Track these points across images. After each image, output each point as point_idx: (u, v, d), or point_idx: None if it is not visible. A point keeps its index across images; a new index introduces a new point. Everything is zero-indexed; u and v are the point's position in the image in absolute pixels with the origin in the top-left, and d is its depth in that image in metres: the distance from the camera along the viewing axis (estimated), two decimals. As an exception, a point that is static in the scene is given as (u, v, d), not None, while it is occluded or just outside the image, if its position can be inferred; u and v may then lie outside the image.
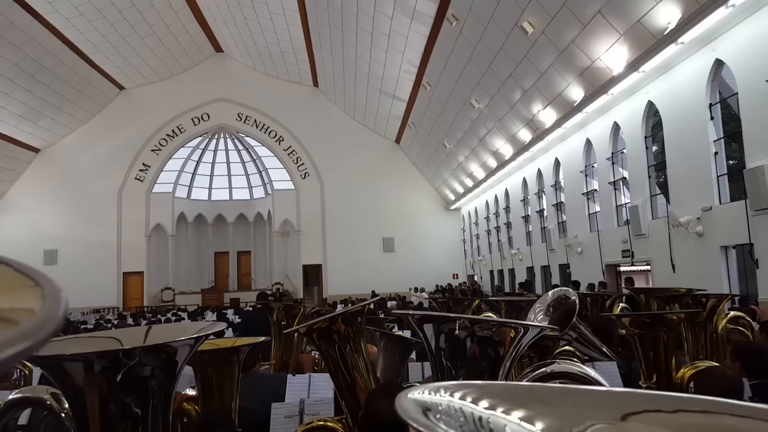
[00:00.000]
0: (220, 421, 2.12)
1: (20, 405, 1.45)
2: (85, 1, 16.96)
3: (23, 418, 2.48)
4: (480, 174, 18.78)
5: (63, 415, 1.18)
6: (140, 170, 23.88)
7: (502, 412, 0.43)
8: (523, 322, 1.09)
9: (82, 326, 11.91)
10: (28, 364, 3.98)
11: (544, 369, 1.40)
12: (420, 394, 0.44)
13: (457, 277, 23.89)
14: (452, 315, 1.19)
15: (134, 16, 18.67)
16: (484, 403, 0.44)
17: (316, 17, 17.07)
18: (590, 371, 1.47)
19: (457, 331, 1.10)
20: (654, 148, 10.57)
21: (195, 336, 0.93)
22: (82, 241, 22.21)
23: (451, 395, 0.45)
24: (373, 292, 19.48)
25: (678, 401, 0.44)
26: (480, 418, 0.42)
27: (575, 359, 2.79)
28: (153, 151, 24.03)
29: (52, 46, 18.03)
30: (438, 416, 0.40)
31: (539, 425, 0.41)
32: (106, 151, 23.28)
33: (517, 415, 0.43)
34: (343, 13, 15.29)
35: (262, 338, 2.62)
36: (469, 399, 0.45)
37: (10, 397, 1.44)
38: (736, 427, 0.40)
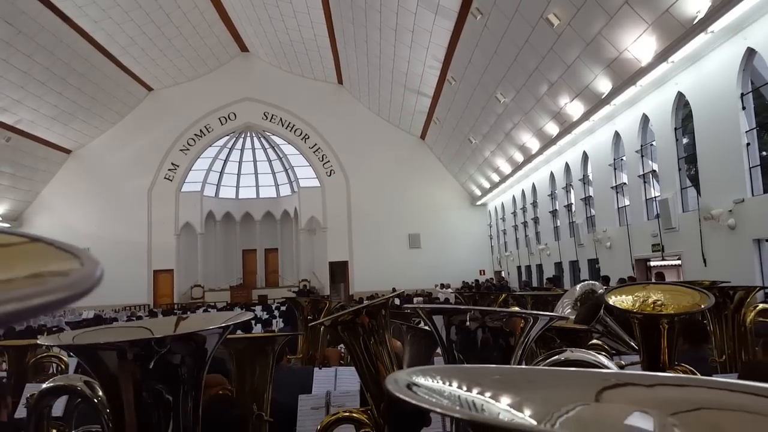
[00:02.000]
0: (234, 402, 2.17)
1: (54, 393, 1.49)
2: (113, 5, 17.33)
3: (59, 410, 2.58)
4: (506, 169, 18.61)
5: (96, 401, 1.22)
6: (169, 170, 24.36)
7: (490, 396, 0.44)
8: (532, 312, 1.09)
9: (114, 323, 12.26)
10: (64, 358, 4.12)
11: (557, 357, 1.40)
12: (414, 375, 0.45)
13: (484, 273, 23.75)
14: (461, 307, 1.20)
15: (161, 18, 19.01)
16: (475, 389, 0.45)
17: (340, 14, 17.14)
18: (603, 359, 1.46)
19: (467, 323, 1.11)
20: (684, 140, 10.33)
21: (224, 325, 0.96)
22: (113, 240, 22.76)
23: (444, 380, 0.46)
24: (393, 288, 19.50)
25: (656, 378, 0.46)
26: (468, 401, 0.44)
27: (603, 352, 2.77)
28: (181, 150, 24.50)
29: (81, 49, 18.47)
30: (423, 390, 0.42)
31: (526, 410, 0.43)
32: (135, 151, 23.80)
33: (506, 400, 0.44)
34: (367, 9, 15.31)
35: (295, 333, 2.68)
36: (460, 382, 0.46)
37: (44, 386, 1.48)
38: (709, 399, 0.42)
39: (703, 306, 2.01)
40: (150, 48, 20.50)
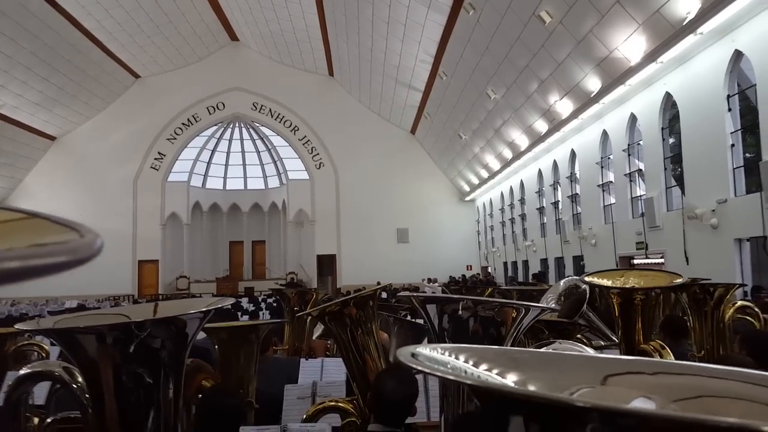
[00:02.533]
0: (228, 392, 2.17)
1: (32, 379, 1.45)
2: (102, -10, 17.10)
3: (42, 398, 2.55)
4: (495, 165, 18.69)
5: (75, 386, 1.21)
6: (155, 159, 24.10)
7: (497, 373, 0.45)
8: (524, 303, 1.11)
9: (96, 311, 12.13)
10: (46, 346, 4.08)
11: (546, 348, 1.42)
12: (421, 349, 0.46)
13: (471, 269, 23.87)
14: (454, 296, 1.21)
15: (150, 5, 18.75)
16: (483, 365, 0.46)
17: (332, 5, 17.03)
18: (591, 351, 1.49)
19: (459, 312, 1.12)
20: (671, 140, 10.44)
21: (204, 309, 0.96)
22: (98, 229, 20.15)
23: (451, 354, 0.47)
24: (378, 282, 19.52)
25: (658, 365, 0.47)
26: (475, 375, 0.44)
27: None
28: (168, 139, 24.24)
29: (68, 34, 18.18)
30: (426, 360, 0.42)
31: (531, 387, 0.44)
32: (121, 139, 23.51)
33: (511, 377, 0.44)
34: (359, 1, 15.24)
35: (280, 320, 2.68)
36: (467, 358, 0.46)
37: (21, 372, 1.45)
38: (707, 386, 0.43)
39: (674, 282, 2.06)
40: (138, 35, 20.22)
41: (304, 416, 2.31)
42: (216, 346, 2.51)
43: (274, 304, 14.93)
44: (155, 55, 22.35)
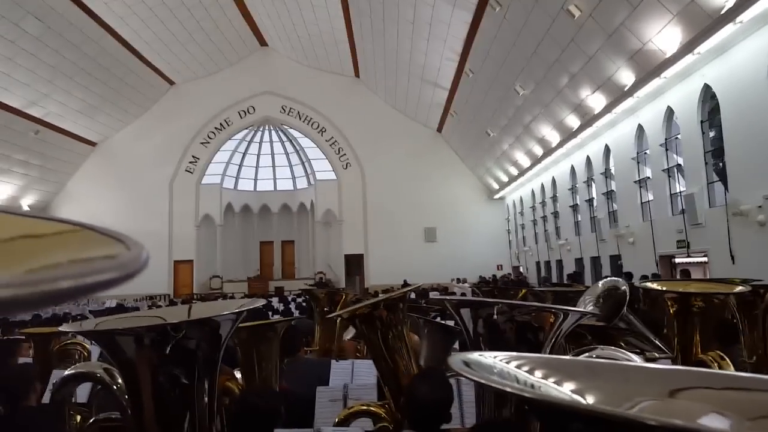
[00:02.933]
0: (264, 394, 2.17)
1: (75, 380, 1.52)
2: (137, 1, 17.61)
3: (84, 396, 2.61)
4: (525, 162, 18.42)
5: (115, 388, 1.24)
6: (190, 162, 24.65)
7: (554, 382, 0.43)
8: (562, 307, 1.06)
9: (135, 311, 12.42)
10: (87, 346, 4.18)
11: (588, 355, 1.36)
12: (473, 355, 0.45)
13: (502, 268, 23.59)
14: (489, 300, 1.17)
15: (183, 14, 19.22)
16: (537, 373, 0.44)
17: (357, 8, 17.08)
18: (637, 359, 1.42)
19: (495, 316, 1.08)
20: (711, 134, 10.08)
21: (237, 311, 0.97)
22: (136, 231, 22.53)
23: (504, 362, 0.45)
24: (405, 281, 19.49)
25: (726, 379, 0.44)
26: (532, 385, 0.42)
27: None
28: (202, 143, 24.76)
29: (107, 44, 18.83)
30: (480, 369, 0.41)
31: (590, 399, 0.41)
32: (158, 144, 24.12)
33: (569, 387, 0.42)
34: (385, 3, 15.24)
35: (297, 316, 2.68)
36: (520, 366, 0.45)
37: (65, 372, 1.51)
38: None
39: (737, 290, 1.96)
40: (173, 43, 20.75)
41: (336, 420, 2.30)
42: (237, 346, 2.52)
43: (304, 304, 15.03)
44: (188, 63, 22.89)
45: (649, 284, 2.08)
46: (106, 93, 21.01)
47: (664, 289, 2.04)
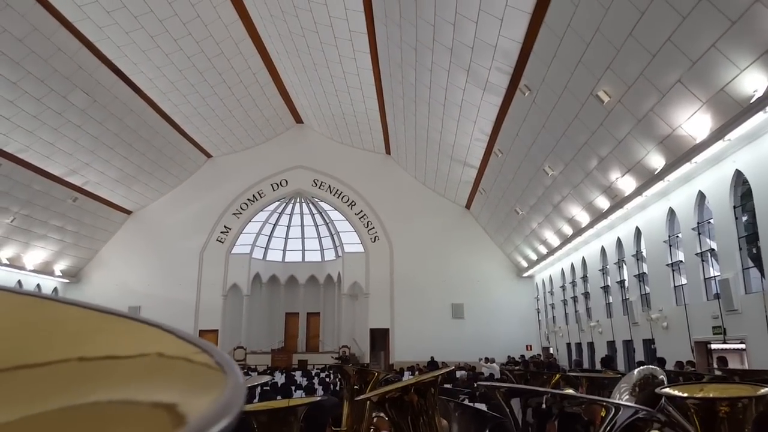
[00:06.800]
0: None
1: None
2: (180, 77, 18.67)
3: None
4: (555, 241, 18.28)
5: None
6: (221, 232, 25.16)
7: None
8: (616, 402, 1.06)
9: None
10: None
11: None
12: None
13: (531, 349, 22.85)
14: (541, 389, 1.17)
15: (224, 91, 20.29)
16: None
17: (390, 90, 17.85)
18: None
19: (544, 406, 1.09)
20: (744, 218, 9.94)
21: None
22: (164, 298, 23.32)
23: None
24: (432, 358, 18.96)
25: None
26: None
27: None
28: (234, 214, 25.36)
29: (149, 117, 19.82)
30: None
31: None
32: (191, 214, 24.80)
33: None
34: (417, 85, 15.92)
35: (318, 398, 2.65)
36: None
37: None
38: None
39: (759, 392, 1.87)
40: (212, 118, 21.79)
41: None
42: (256, 429, 2.48)
43: (327, 380, 14.72)
44: (226, 137, 23.91)
45: (669, 391, 1.99)
46: (145, 164, 21.90)
47: (683, 395, 1.95)
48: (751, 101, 7.93)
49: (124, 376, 0.33)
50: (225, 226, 25.21)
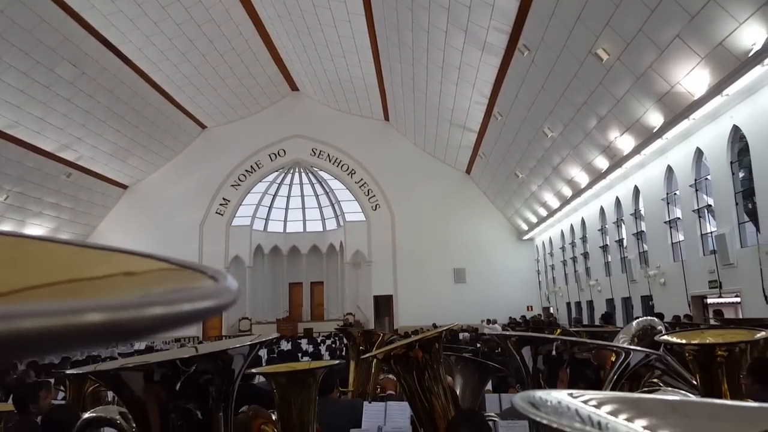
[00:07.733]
0: None
1: (92, 425, 1.48)
2: (170, 46, 18.20)
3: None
4: (554, 203, 18.34)
5: (129, 433, 1.22)
6: (220, 204, 25.14)
7: (625, 419, 0.39)
8: (626, 346, 1.09)
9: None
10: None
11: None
12: (540, 395, 0.42)
13: (532, 309, 23.17)
14: (551, 336, 1.21)
15: (216, 59, 19.89)
16: (605, 408, 0.41)
17: (387, 54, 17.59)
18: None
19: (554, 353, 1.12)
20: (741, 174, 9.96)
21: (249, 344, 0.96)
22: None
23: (571, 398, 0.43)
24: (434, 324, 19.21)
25: None
26: (598, 423, 0.39)
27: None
28: (232, 186, 25.29)
29: (140, 88, 19.41)
30: (546, 411, 0.39)
31: None
32: (189, 186, 24.69)
33: (641, 423, 0.39)
34: (414, 48, 15.68)
35: (337, 361, 2.72)
36: (588, 402, 0.42)
37: (85, 416, 1.48)
38: None
39: (756, 336, 1.92)
40: (205, 87, 21.47)
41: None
42: (275, 390, 2.57)
43: (333, 345, 14.98)
44: (220, 107, 23.62)
45: (668, 338, 2.03)
46: (138, 136, 21.56)
47: (681, 341, 2.00)
48: (750, 54, 7.84)
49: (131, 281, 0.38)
50: (224, 199, 25.18)
